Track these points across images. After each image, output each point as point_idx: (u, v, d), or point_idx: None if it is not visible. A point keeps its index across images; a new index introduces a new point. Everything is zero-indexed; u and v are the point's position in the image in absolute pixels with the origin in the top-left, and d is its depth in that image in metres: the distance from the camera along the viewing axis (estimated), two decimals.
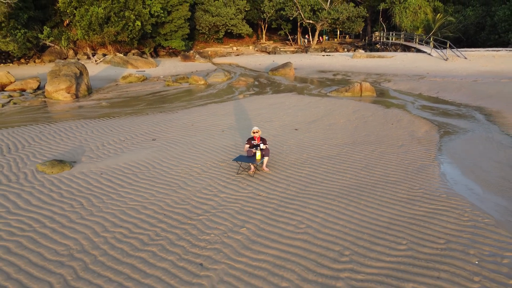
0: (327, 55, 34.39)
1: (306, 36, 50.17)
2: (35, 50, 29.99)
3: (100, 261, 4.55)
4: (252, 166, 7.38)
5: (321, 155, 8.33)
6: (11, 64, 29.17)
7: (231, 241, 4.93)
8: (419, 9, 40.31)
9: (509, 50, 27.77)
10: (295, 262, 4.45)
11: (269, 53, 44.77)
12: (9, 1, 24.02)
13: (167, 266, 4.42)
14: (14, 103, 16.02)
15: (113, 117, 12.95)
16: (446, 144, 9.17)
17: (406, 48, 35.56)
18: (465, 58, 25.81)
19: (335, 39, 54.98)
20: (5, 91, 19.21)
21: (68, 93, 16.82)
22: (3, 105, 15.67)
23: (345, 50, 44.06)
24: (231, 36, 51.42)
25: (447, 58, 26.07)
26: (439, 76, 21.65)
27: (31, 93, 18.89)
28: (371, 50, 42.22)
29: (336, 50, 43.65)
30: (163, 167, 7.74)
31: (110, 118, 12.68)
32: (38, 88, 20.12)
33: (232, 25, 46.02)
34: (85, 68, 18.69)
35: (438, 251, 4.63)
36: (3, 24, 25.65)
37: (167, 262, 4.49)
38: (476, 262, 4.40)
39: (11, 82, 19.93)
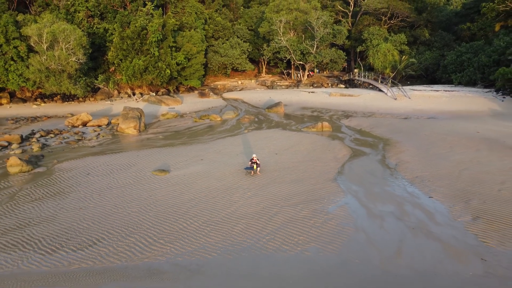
0: (311, 92, 43.93)
1: (300, 70, 59.96)
2: (90, 92, 39.73)
3: (203, 201, 13.61)
4: (252, 172, 16.46)
5: (285, 166, 17.42)
6: (73, 102, 38.83)
7: (245, 195, 13.99)
8: (388, 52, 50.05)
9: (445, 91, 37.04)
10: (268, 200, 13.49)
11: (268, 86, 54.48)
12: (81, 60, 33.83)
13: (224, 202, 13.48)
14: (103, 136, 25.34)
15: (172, 146, 22.16)
16: (348, 161, 18.24)
17: (374, 86, 45.00)
18: (409, 98, 35.09)
19: (325, 72, 64.92)
20: (87, 126, 28.64)
21: (135, 129, 26.17)
22: (97, 137, 25.01)
23: (329, 85, 53.70)
24: (237, 70, 61.46)
25: (396, 98, 35.37)
26: (384, 113, 30.91)
27: (106, 128, 28.29)
28: (350, 85, 51.90)
29: (322, 85, 53.31)
30: (212, 172, 16.83)
31: (170, 147, 21.88)
32: (108, 124, 29.55)
33: (237, 63, 55.99)
34: (143, 111, 28.13)
35: (314, 198, 13.66)
36: (73, 75, 35.45)
37: (224, 200, 13.56)
38: (325, 200, 13.44)
39: (89, 120, 29.40)
